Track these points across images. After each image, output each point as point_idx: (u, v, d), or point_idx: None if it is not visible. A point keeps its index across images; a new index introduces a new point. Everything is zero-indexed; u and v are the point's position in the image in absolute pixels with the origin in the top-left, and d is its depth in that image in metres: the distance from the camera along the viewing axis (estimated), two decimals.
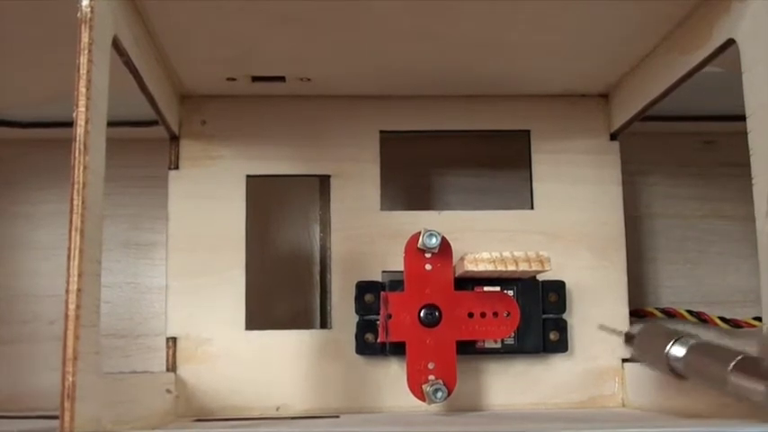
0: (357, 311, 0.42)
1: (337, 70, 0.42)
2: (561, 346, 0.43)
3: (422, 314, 0.40)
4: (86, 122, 0.26)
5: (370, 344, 0.42)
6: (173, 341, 0.43)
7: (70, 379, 0.24)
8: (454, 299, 0.40)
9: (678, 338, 0.33)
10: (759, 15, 0.30)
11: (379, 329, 0.40)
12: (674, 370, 0.33)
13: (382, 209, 0.45)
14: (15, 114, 0.49)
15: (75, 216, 0.26)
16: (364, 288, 0.42)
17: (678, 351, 0.32)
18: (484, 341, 0.42)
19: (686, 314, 0.49)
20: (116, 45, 0.30)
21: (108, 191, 0.28)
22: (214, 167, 0.44)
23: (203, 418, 0.41)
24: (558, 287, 0.43)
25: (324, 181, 0.46)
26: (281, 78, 0.43)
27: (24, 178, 0.51)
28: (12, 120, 0.50)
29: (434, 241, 0.39)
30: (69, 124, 0.26)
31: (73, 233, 0.25)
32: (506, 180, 0.51)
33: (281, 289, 0.50)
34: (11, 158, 0.52)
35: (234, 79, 0.43)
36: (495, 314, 0.40)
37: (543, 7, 0.35)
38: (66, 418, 0.24)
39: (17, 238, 0.51)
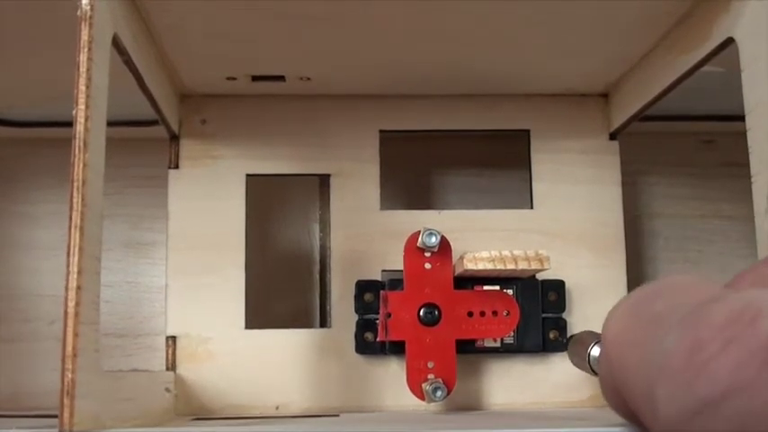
0: (357, 310, 0.42)
1: (337, 69, 0.42)
2: (561, 345, 0.43)
3: (421, 313, 0.40)
4: (86, 120, 0.26)
5: (370, 343, 0.42)
6: (172, 340, 0.43)
7: (69, 376, 0.24)
8: (454, 298, 0.40)
9: (599, 341, 0.34)
10: (758, 13, 0.30)
11: (379, 328, 0.40)
12: (594, 370, 0.35)
13: (382, 208, 0.45)
14: (15, 114, 0.50)
15: (74, 213, 0.26)
16: (364, 287, 0.42)
17: (596, 351, 0.34)
18: (483, 340, 0.42)
19: None
20: (116, 43, 0.31)
21: (108, 191, 0.29)
22: (214, 167, 0.44)
23: (203, 416, 0.41)
24: (558, 286, 0.43)
25: (324, 180, 0.46)
26: (281, 78, 0.43)
27: (24, 178, 0.52)
28: (12, 119, 0.50)
29: (434, 240, 0.39)
30: (69, 124, 0.26)
31: (72, 230, 0.26)
32: (506, 179, 0.51)
33: (281, 288, 0.50)
34: (11, 158, 0.52)
35: (234, 78, 0.43)
36: (495, 313, 0.40)
37: (542, 6, 0.35)
38: (66, 414, 0.24)
39: (17, 237, 0.51)
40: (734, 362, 0.12)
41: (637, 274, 0.50)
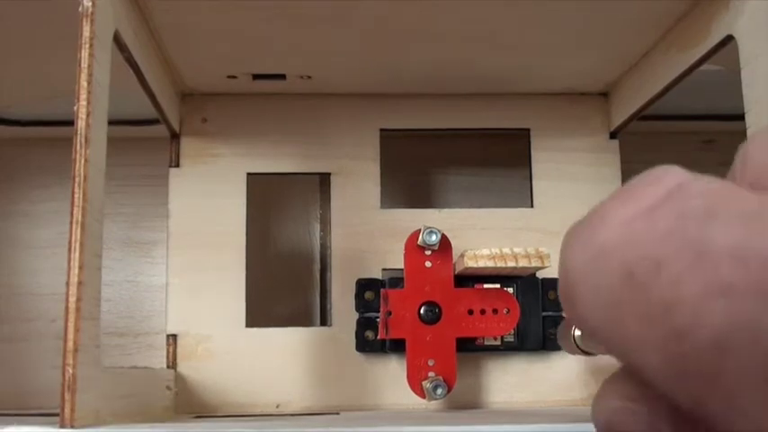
0: (357, 309, 0.42)
1: (338, 68, 0.42)
2: None
3: (422, 311, 0.40)
4: (87, 116, 0.26)
5: (370, 341, 0.42)
6: (173, 338, 0.43)
7: (71, 371, 0.24)
8: (454, 296, 0.40)
9: None
10: (757, 11, 0.30)
11: (379, 326, 0.40)
12: (579, 348, 0.36)
13: (382, 207, 0.45)
14: (15, 113, 0.50)
15: (76, 209, 0.26)
16: (364, 285, 0.43)
17: (578, 331, 0.36)
18: (484, 338, 0.42)
19: None
20: (117, 40, 0.31)
21: (109, 189, 0.29)
22: (215, 165, 0.44)
23: (203, 414, 0.41)
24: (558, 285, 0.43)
25: (324, 179, 0.46)
26: (282, 76, 0.43)
27: (24, 177, 0.52)
28: (11, 118, 0.50)
29: (434, 238, 0.39)
30: (69, 123, 0.26)
31: (74, 226, 0.26)
32: (506, 178, 0.51)
33: (282, 286, 0.50)
34: (11, 157, 0.52)
35: (234, 77, 0.43)
36: (495, 311, 0.40)
37: (543, 6, 0.35)
38: (67, 409, 0.24)
39: (17, 236, 0.51)
40: (627, 216, 0.14)
41: None
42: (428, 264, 0.40)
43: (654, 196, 0.14)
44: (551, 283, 0.43)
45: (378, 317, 0.41)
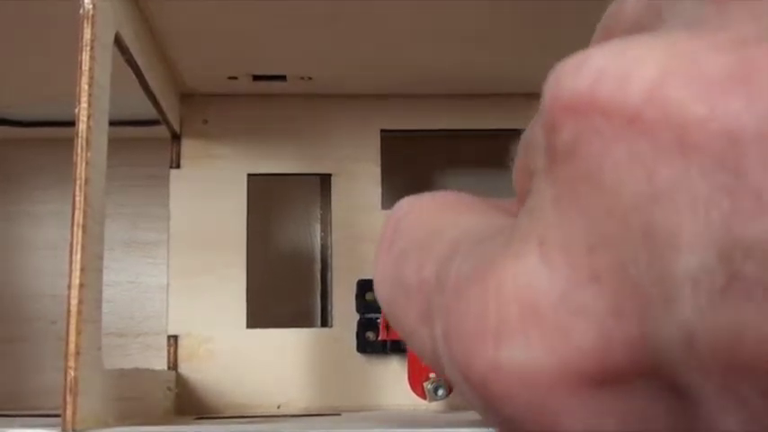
0: (358, 310, 0.42)
1: (338, 69, 0.42)
2: None
3: None
4: (88, 118, 0.26)
5: (371, 342, 0.42)
6: (174, 339, 0.43)
7: (72, 374, 0.24)
8: None
9: None
10: None
11: (380, 327, 0.40)
12: None
13: (383, 207, 0.45)
14: (16, 113, 0.50)
15: (77, 212, 0.26)
16: (365, 286, 0.42)
17: None
18: None
19: None
20: (118, 42, 0.31)
21: (109, 190, 0.29)
22: (215, 166, 0.44)
23: (204, 416, 0.41)
24: None
25: (325, 180, 0.46)
26: (283, 77, 0.43)
27: (25, 177, 0.52)
28: (12, 119, 0.50)
29: None
30: (70, 123, 0.26)
31: (75, 229, 0.26)
32: (507, 179, 0.51)
33: (282, 287, 0.50)
34: (11, 157, 0.52)
35: (235, 78, 0.43)
36: None
37: (542, 6, 0.35)
38: (69, 412, 0.24)
39: (17, 236, 0.51)
40: (381, 258, 0.15)
41: None
42: None
43: (388, 236, 0.16)
44: None
45: (378, 318, 0.41)
